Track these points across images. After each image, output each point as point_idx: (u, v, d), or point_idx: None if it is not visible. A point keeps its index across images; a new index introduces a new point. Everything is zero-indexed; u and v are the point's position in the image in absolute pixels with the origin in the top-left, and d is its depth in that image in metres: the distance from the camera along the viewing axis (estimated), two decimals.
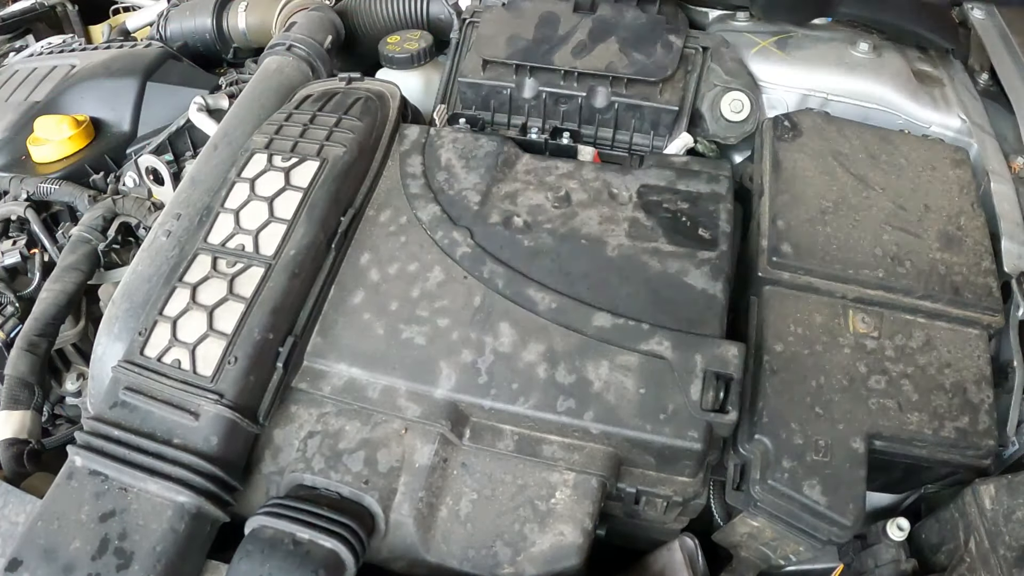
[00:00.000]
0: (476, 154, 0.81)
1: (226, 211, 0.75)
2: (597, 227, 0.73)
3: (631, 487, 0.67)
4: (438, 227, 0.75)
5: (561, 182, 0.77)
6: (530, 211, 0.75)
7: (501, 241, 0.73)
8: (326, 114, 0.83)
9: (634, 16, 0.97)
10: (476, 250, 0.72)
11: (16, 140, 1.16)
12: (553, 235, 0.73)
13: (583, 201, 0.75)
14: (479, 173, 0.79)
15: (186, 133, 1.16)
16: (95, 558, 0.59)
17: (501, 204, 0.76)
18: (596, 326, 0.66)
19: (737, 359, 0.60)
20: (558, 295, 0.68)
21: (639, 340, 0.65)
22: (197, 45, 1.33)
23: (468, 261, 0.72)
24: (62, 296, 0.94)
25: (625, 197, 0.75)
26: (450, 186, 0.79)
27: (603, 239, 0.72)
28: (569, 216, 0.74)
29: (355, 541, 0.61)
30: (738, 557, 0.77)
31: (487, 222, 0.74)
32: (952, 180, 0.82)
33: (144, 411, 0.65)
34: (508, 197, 0.77)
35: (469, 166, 0.80)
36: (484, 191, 0.77)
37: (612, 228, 0.73)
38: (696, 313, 0.65)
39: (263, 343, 0.67)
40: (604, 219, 0.74)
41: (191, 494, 0.61)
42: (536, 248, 0.72)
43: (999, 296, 0.73)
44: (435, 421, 0.66)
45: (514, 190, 0.77)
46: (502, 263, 0.71)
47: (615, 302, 0.68)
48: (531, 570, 0.62)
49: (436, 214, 0.76)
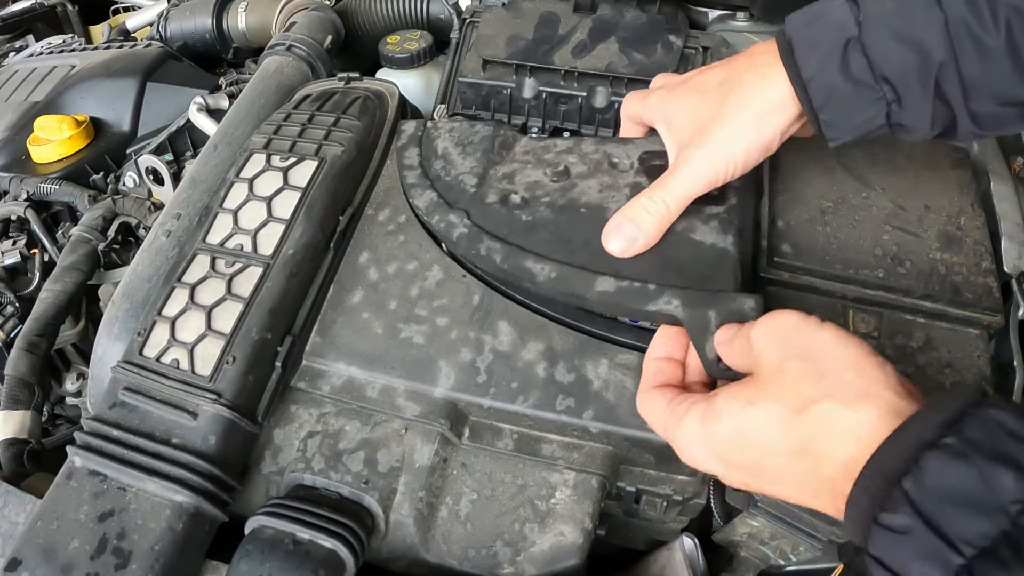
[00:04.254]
0: (472, 140, 0.79)
1: (225, 211, 0.75)
2: (597, 195, 0.70)
3: (631, 486, 0.67)
4: (435, 212, 0.73)
5: (560, 158, 0.75)
6: (528, 188, 0.72)
7: (498, 219, 0.70)
8: (324, 114, 0.83)
9: (634, 16, 0.97)
10: (473, 230, 0.70)
11: (16, 140, 1.16)
12: (552, 207, 0.70)
13: (582, 173, 0.72)
14: (476, 157, 0.77)
15: (186, 133, 1.16)
16: (94, 557, 0.59)
17: (498, 184, 0.74)
18: (599, 291, 0.63)
19: (755, 311, 0.56)
20: (557, 264, 0.65)
21: (646, 301, 0.60)
22: (197, 45, 1.33)
23: (465, 241, 0.69)
24: (62, 296, 0.94)
25: (626, 164, 0.72)
26: (447, 173, 0.77)
27: (604, 206, 0.68)
28: (568, 188, 0.71)
29: (355, 541, 0.61)
30: (738, 557, 0.77)
31: (484, 202, 0.72)
32: (952, 180, 0.82)
33: (143, 411, 0.65)
34: (506, 177, 0.74)
35: (466, 152, 0.78)
36: (481, 174, 0.75)
37: (613, 195, 0.69)
38: (707, 269, 0.61)
39: (261, 342, 0.67)
40: (604, 187, 0.71)
41: (189, 493, 0.61)
42: (534, 222, 0.69)
43: (999, 296, 0.73)
44: (434, 420, 0.66)
45: (512, 170, 0.75)
46: (499, 239, 0.68)
47: (618, 266, 0.64)
48: (531, 570, 0.62)
49: (432, 200, 0.74)
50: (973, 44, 0.53)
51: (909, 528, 0.39)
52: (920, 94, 0.55)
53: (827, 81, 0.57)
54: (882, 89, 0.56)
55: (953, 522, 0.38)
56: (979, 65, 0.53)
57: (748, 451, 0.48)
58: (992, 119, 0.56)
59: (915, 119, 0.57)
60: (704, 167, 0.62)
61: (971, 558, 0.37)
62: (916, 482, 0.40)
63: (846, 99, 0.57)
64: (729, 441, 0.49)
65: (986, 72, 0.54)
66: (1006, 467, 0.38)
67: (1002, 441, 0.39)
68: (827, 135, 0.60)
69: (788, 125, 0.61)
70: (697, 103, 0.64)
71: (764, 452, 0.48)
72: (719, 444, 0.50)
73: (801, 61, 0.57)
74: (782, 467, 0.47)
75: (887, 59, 0.55)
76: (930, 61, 0.54)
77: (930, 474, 0.39)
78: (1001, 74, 0.53)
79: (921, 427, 0.42)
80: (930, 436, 0.41)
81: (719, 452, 0.50)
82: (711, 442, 0.50)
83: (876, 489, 0.42)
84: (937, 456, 0.40)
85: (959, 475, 0.39)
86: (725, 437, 0.49)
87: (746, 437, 0.48)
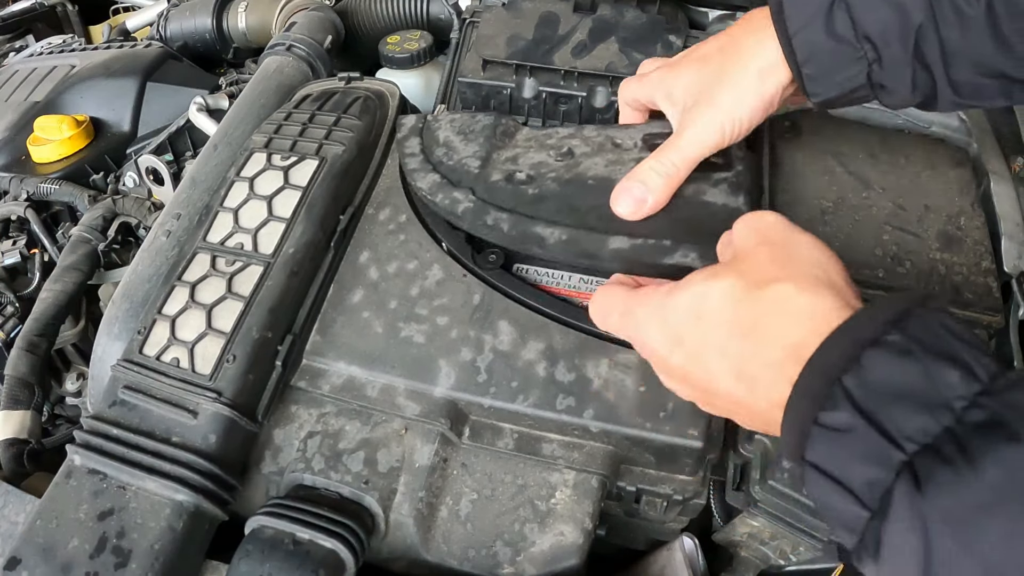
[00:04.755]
0: (474, 128, 0.79)
1: (225, 210, 0.75)
2: (604, 169, 0.70)
3: (631, 486, 0.67)
4: (438, 191, 0.73)
5: (563, 142, 0.75)
6: (533, 167, 0.72)
7: (504, 194, 0.70)
8: (325, 113, 0.83)
9: (634, 16, 0.97)
10: (478, 203, 0.70)
11: (16, 140, 1.16)
12: (558, 181, 0.70)
13: (587, 153, 0.72)
14: (478, 143, 0.77)
15: (186, 133, 1.16)
16: (93, 556, 0.59)
17: (502, 166, 0.74)
18: (612, 249, 0.62)
19: None
20: (567, 227, 0.65)
21: (662, 255, 0.61)
22: (197, 45, 1.34)
23: (471, 215, 0.69)
24: (62, 296, 0.94)
25: (630, 144, 0.72)
26: (449, 158, 0.76)
27: (611, 177, 0.68)
28: (573, 166, 0.71)
29: (355, 541, 0.61)
30: (738, 557, 0.76)
31: (489, 181, 0.72)
32: (952, 180, 0.82)
33: (143, 409, 0.65)
34: (509, 160, 0.74)
35: (468, 139, 0.78)
36: (484, 157, 0.75)
37: (619, 168, 0.69)
38: (721, 224, 0.59)
39: (262, 341, 0.67)
40: (610, 163, 0.71)
41: (189, 492, 0.61)
42: (541, 194, 0.69)
43: (999, 296, 0.73)
44: (434, 420, 0.66)
45: (515, 154, 0.75)
46: (506, 210, 0.68)
47: (630, 227, 0.63)
48: (531, 570, 0.62)
49: (436, 181, 0.74)
50: (952, 10, 0.54)
51: (850, 426, 0.38)
52: (900, 55, 0.56)
53: (811, 37, 0.58)
54: (863, 48, 0.57)
55: (895, 418, 0.37)
56: (958, 32, 0.54)
57: (699, 325, 0.48)
58: (972, 88, 0.57)
59: (895, 81, 0.58)
60: (711, 127, 0.63)
61: (913, 454, 0.36)
62: (858, 379, 0.39)
63: (829, 55, 0.58)
64: (685, 313, 0.49)
65: (965, 39, 0.54)
66: (951, 364, 0.37)
67: (947, 340, 0.39)
68: (809, 90, 0.61)
69: (786, 84, 0.62)
70: (697, 71, 0.66)
71: (714, 325, 0.47)
72: (675, 318, 0.50)
73: (789, 18, 0.59)
74: (727, 348, 0.46)
75: (869, 18, 0.56)
76: (910, 22, 0.55)
77: (872, 371, 0.38)
78: (980, 43, 0.54)
79: (864, 324, 0.41)
80: (872, 333, 0.40)
81: (673, 327, 0.50)
82: (668, 317, 0.50)
83: (815, 389, 0.40)
84: (880, 353, 0.39)
85: (902, 372, 0.38)
86: (683, 309, 0.49)
87: (701, 308, 0.48)
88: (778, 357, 0.44)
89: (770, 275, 0.46)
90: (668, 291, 0.51)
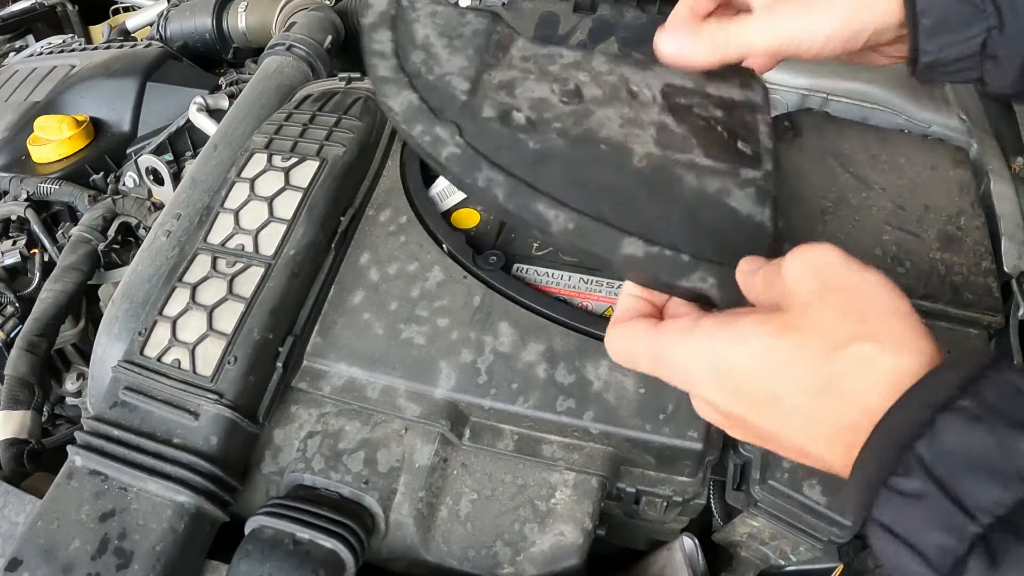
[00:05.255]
0: (462, 32, 0.64)
1: (226, 211, 0.75)
2: (618, 130, 0.59)
3: (631, 487, 0.67)
4: (415, 120, 0.57)
5: (568, 73, 0.62)
6: (533, 106, 0.59)
7: (498, 141, 0.57)
8: (326, 114, 0.83)
9: (634, 16, 0.97)
10: (467, 151, 0.55)
11: (16, 140, 1.16)
12: (564, 136, 0.58)
13: (597, 98, 0.61)
14: (466, 55, 0.62)
15: (186, 133, 1.16)
16: (95, 558, 0.59)
17: (496, 95, 0.60)
18: (625, 254, 0.53)
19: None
20: (576, 213, 0.54)
21: (679, 275, 0.53)
22: (197, 45, 1.33)
23: (458, 166, 0.55)
24: (62, 296, 0.94)
25: (648, 96, 0.62)
26: (429, 70, 0.61)
27: (627, 146, 0.58)
28: (582, 115, 0.59)
29: (355, 541, 0.61)
30: (738, 557, 0.77)
31: (479, 116, 0.58)
32: (952, 180, 0.82)
33: (144, 411, 0.65)
34: (504, 87, 0.61)
35: (453, 47, 0.63)
36: (473, 77, 0.60)
37: (637, 133, 0.59)
38: (741, 244, 0.53)
39: (263, 343, 0.67)
40: (626, 121, 0.60)
41: (191, 493, 0.61)
42: (543, 151, 0.57)
43: (999, 296, 0.73)
44: (435, 421, 0.66)
45: (510, 79, 0.61)
46: (502, 170, 0.55)
47: (645, 225, 0.55)
48: (531, 570, 0.62)
49: (412, 103, 0.58)
50: None
51: (922, 493, 0.37)
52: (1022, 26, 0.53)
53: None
54: (987, 9, 0.54)
55: (970, 488, 0.36)
56: None
57: (766, 381, 0.44)
58: None
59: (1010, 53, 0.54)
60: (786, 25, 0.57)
61: (988, 526, 0.35)
62: (931, 446, 0.37)
63: (950, 8, 0.54)
64: (748, 367, 0.44)
65: None
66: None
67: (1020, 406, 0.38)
68: (921, 46, 0.56)
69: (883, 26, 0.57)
70: None
71: (785, 384, 0.43)
72: (734, 368, 0.45)
73: None
74: (800, 405, 0.43)
75: None
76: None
77: (946, 438, 0.37)
78: None
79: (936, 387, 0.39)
80: (945, 398, 0.38)
81: (731, 377, 0.45)
82: (723, 364, 0.45)
83: (886, 452, 0.39)
84: (953, 419, 0.37)
85: (975, 439, 0.37)
86: (744, 362, 0.44)
87: (769, 366, 0.44)
88: (857, 419, 0.42)
89: (847, 334, 0.43)
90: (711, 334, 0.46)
